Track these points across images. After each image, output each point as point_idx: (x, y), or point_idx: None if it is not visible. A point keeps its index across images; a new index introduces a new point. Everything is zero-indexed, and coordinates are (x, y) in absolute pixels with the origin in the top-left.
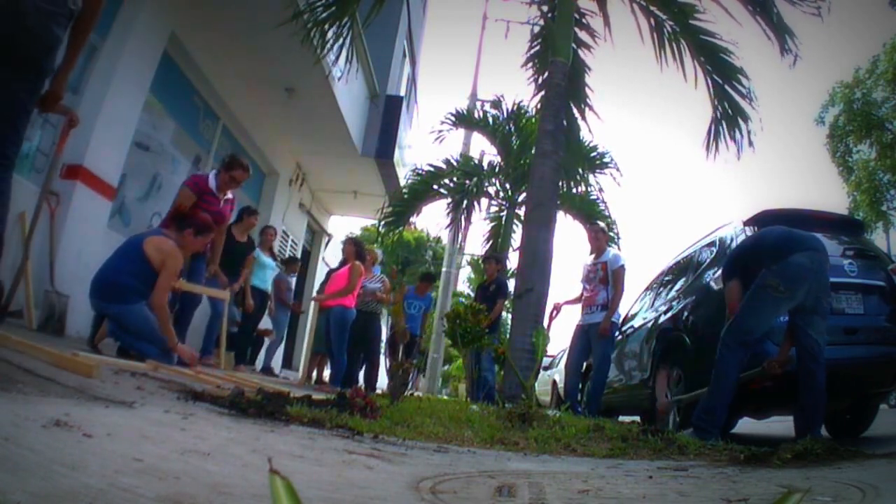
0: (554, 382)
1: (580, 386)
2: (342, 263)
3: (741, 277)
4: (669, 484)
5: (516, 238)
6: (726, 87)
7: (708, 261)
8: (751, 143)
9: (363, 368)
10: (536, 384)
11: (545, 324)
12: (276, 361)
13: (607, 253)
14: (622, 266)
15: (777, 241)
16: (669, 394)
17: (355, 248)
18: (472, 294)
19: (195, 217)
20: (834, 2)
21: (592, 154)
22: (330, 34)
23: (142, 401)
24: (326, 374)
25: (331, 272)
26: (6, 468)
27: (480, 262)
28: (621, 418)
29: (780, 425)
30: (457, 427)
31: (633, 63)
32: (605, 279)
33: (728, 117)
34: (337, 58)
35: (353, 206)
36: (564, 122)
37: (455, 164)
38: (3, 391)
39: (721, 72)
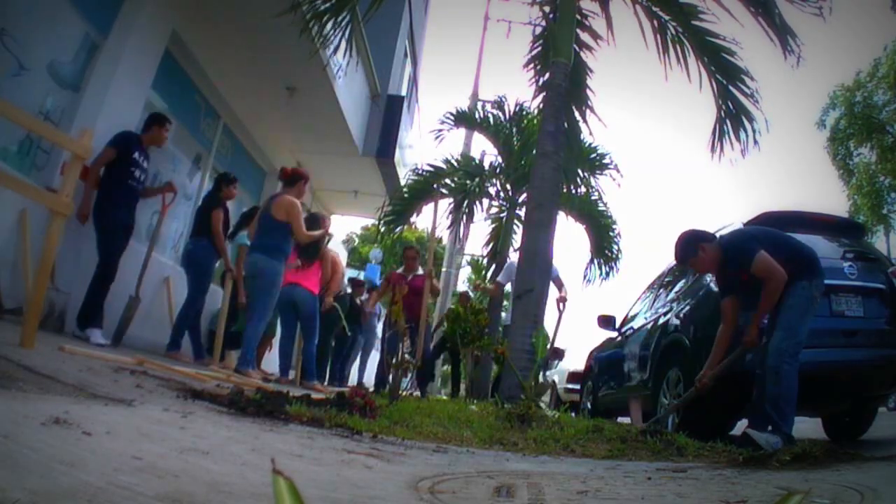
0: (554, 383)
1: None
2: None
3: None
4: (668, 485)
5: (517, 239)
6: (730, 87)
7: None
8: (756, 143)
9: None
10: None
11: (559, 316)
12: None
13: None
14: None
15: (815, 257)
16: (668, 395)
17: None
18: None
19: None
20: (835, 5)
21: (593, 155)
22: (329, 27)
23: (141, 399)
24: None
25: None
26: (5, 466)
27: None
28: (620, 419)
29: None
30: (456, 427)
31: (634, 64)
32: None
33: (732, 117)
34: (335, 50)
35: (354, 206)
36: (565, 124)
37: (455, 164)
38: (3, 389)
39: (725, 72)
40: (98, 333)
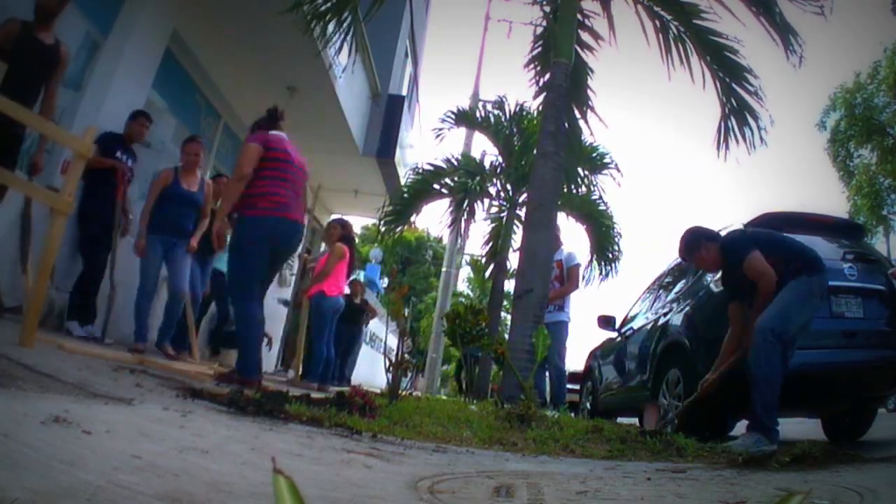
0: None
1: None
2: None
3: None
4: (668, 486)
5: (517, 239)
6: (734, 85)
7: None
8: (762, 140)
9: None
10: None
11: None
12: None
13: (561, 251)
14: (577, 265)
15: (815, 255)
16: (667, 396)
17: (341, 230)
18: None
19: None
20: (835, 5)
21: (593, 155)
22: (331, 27)
23: (141, 398)
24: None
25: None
26: (5, 465)
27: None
28: (620, 420)
29: (779, 428)
30: (455, 427)
31: (635, 64)
32: (560, 277)
33: (737, 114)
34: (337, 51)
35: (354, 205)
36: (566, 124)
37: (456, 163)
38: (3, 388)
39: (728, 71)
40: (75, 325)
